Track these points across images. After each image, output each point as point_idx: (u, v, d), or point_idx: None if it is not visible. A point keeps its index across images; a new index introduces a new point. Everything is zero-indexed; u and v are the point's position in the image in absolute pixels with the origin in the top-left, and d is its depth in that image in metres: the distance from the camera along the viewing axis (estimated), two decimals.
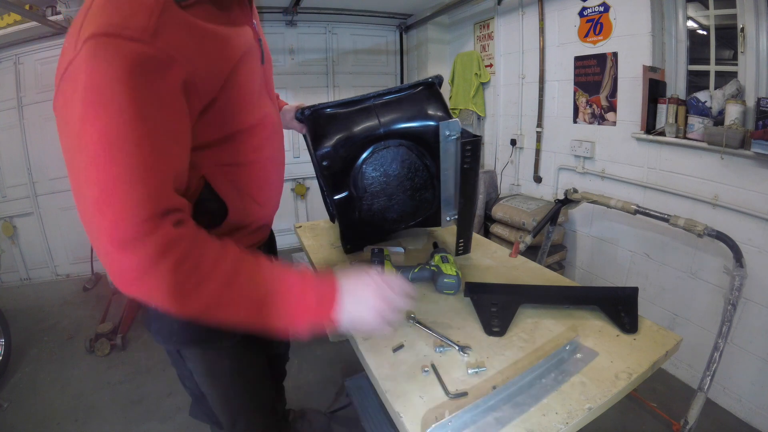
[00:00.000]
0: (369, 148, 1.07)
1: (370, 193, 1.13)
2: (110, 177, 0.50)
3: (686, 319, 1.98)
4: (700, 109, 1.79)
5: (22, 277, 3.36)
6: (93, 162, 0.50)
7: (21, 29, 2.86)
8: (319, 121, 1.06)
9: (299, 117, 1.08)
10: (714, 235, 1.48)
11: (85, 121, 0.50)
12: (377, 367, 0.77)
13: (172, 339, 0.83)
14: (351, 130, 1.04)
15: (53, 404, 1.94)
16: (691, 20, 1.93)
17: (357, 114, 1.06)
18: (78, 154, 0.51)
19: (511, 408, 0.66)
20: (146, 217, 0.51)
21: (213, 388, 0.92)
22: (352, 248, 1.25)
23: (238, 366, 0.91)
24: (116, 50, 0.50)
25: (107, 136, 0.50)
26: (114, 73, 0.49)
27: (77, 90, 0.50)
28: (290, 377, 2.03)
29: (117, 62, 0.50)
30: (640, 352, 0.80)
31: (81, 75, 0.50)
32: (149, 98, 0.52)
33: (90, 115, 0.50)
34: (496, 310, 0.92)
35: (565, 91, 2.51)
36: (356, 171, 1.08)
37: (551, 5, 2.52)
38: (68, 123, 0.52)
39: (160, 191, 0.54)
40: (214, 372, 0.89)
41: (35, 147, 3.15)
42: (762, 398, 1.68)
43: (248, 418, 0.98)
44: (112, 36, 0.50)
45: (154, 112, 0.53)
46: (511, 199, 2.72)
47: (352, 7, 3.51)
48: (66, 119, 0.52)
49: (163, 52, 0.54)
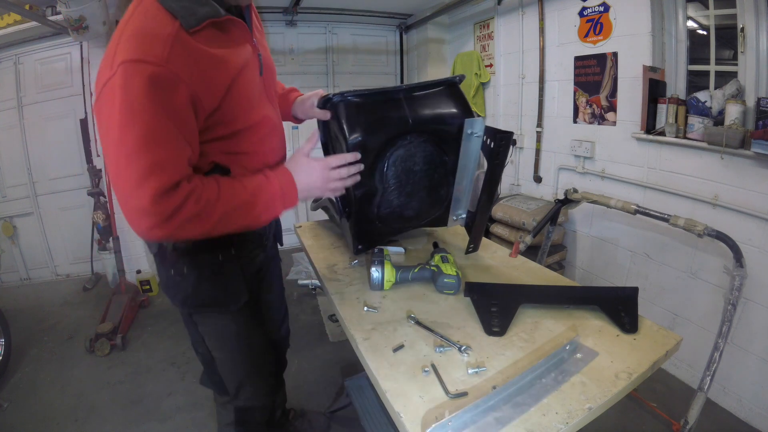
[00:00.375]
0: (397, 140, 1.04)
1: (393, 187, 1.10)
2: (149, 159, 0.72)
3: (686, 319, 1.98)
4: (700, 109, 1.79)
5: (22, 277, 3.36)
6: (136, 151, 0.71)
7: (21, 29, 2.86)
8: (350, 110, 1.01)
9: (323, 105, 1.05)
10: (714, 235, 1.48)
11: (123, 127, 0.71)
12: (377, 367, 0.77)
13: (186, 302, 1.02)
14: (382, 121, 1.02)
15: (53, 404, 1.94)
16: (691, 20, 1.93)
17: (387, 105, 1.03)
18: (119, 149, 0.72)
19: (511, 408, 0.66)
20: (170, 185, 0.75)
21: (222, 351, 1.09)
22: (364, 248, 1.21)
23: (245, 331, 1.08)
24: (141, 71, 0.70)
25: (140, 137, 0.71)
26: (140, 89, 0.70)
27: (115, 104, 0.70)
28: (290, 377, 2.03)
29: (141, 80, 0.70)
30: (640, 351, 0.80)
31: (117, 91, 0.70)
32: (166, 107, 0.73)
33: (126, 126, 0.71)
34: (496, 310, 0.92)
35: (565, 91, 2.51)
36: (383, 163, 1.05)
37: (551, 5, 2.52)
38: (110, 128, 0.72)
39: (179, 168, 0.77)
40: (223, 336, 1.07)
41: (35, 147, 3.15)
42: (762, 398, 1.68)
43: (252, 383, 1.13)
44: (139, 61, 0.70)
45: (169, 116, 0.74)
46: (511, 199, 2.72)
47: (352, 7, 3.51)
48: (108, 125, 0.73)
49: (172, 73, 0.73)
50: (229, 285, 1.01)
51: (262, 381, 1.16)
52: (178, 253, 0.99)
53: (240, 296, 1.02)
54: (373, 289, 1.04)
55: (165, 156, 0.74)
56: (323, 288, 1.14)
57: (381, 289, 1.04)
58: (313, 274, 3.07)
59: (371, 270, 1.03)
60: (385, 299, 1.02)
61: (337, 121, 1.02)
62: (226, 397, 1.15)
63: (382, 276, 1.02)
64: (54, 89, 3.09)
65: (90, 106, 2.98)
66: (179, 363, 2.22)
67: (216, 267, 0.99)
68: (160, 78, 0.71)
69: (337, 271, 1.18)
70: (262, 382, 1.16)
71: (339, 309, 0.99)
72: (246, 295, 1.03)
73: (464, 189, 1.18)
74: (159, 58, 0.72)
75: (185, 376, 2.11)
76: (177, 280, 0.99)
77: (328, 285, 1.11)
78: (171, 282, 1.01)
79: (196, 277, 0.99)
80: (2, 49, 2.95)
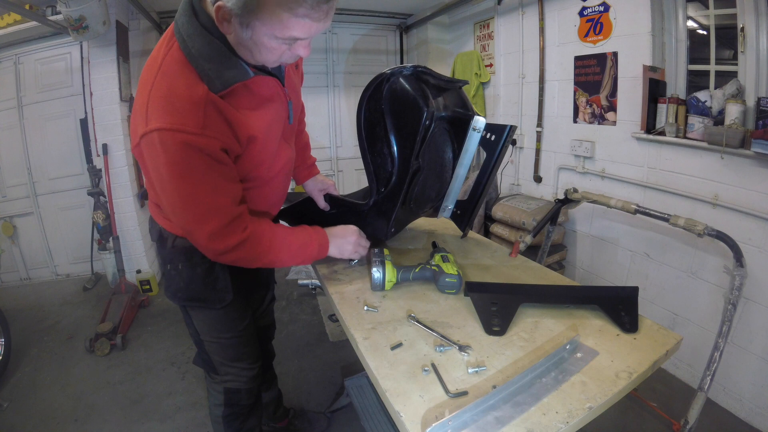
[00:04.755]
0: (433, 123, 1.09)
1: (426, 166, 1.15)
2: (198, 208, 0.86)
3: (686, 319, 1.98)
4: (700, 109, 1.79)
5: (22, 277, 3.36)
6: (183, 203, 0.86)
7: (21, 29, 2.86)
8: (420, 83, 1.08)
9: (329, 201, 1.31)
10: (714, 235, 1.48)
11: (174, 180, 0.82)
12: (377, 367, 0.77)
13: (177, 295, 1.10)
14: (429, 104, 1.08)
15: (53, 404, 1.94)
16: (691, 20, 1.93)
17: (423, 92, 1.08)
18: (173, 198, 0.86)
19: (511, 407, 0.66)
20: (221, 227, 0.88)
21: (209, 335, 1.17)
22: (396, 231, 1.32)
23: (230, 321, 1.17)
24: (179, 140, 0.77)
25: (189, 190, 0.83)
26: (181, 154, 0.78)
27: (160, 160, 0.79)
28: (290, 377, 2.04)
29: (181, 146, 0.78)
30: (641, 351, 0.80)
31: (159, 150, 0.78)
32: (205, 163, 0.81)
33: (174, 182, 0.82)
34: (496, 310, 0.92)
35: (565, 90, 2.51)
36: (427, 138, 1.09)
37: (551, 5, 2.52)
38: (161, 180, 0.83)
39: (225, 210, 0.88)
40: (209, 323, 1.15)
41: (35, 147, 3.15)
42: (762, 398, 1.68)
43: (237, 364, 1.21)
44: (175, 131, 0.77)
45: (210, 168, 0.83)
46: (511, 199, 2.72)
47: (352, 7, 3.51)
48: (157, 175, 0.83)
49: (211, 139, 0.80)
50: (217, 285, 1.08)
51: (247, 363, 1.23)
52: (176, 250, 1.06)
53: (226, 296, 1.10)
54: (374, 290, 1.04)
55: (214, 203, 0.85)
56: (323, 288, 1.14)
57: (382, 290, 1.04)
58: (313, 274, 3.07)
59: (372, 270, 1.03)
60: (385, 299, 1.02)
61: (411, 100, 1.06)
62: (217, 377, 1.23)
63: (383, 276, 1.02)
64: (54, 89, 3.09)
65: (90, 106, 2.98)
66: (179, 363, 2.22)
67: (208, 267, 1.06)
68: (199, 145, 0.79)
69: (337, 271, 1.18)
70: (246, 365, 1.23)
71: (339, 309, 0.99)
72: (231, 296, 1.10)
73: (457, 182, 1.26)
74: (195, 127, 0.78)
75: (185, 376, 2.11)
76: (172, 274, 1.09)
77: (328, 285, 1.11)
78: (167, 274, 1.12)
79: (189, 274, 1.07)
80: (2, 49, 2.95)
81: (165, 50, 0.82)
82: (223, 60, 0.81)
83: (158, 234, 1.10)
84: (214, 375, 1.24)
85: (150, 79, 0.80)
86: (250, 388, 1.25)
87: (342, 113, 3.97)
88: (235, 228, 0.89)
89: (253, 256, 0.95)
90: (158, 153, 0.79)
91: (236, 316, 1.17)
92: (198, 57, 0.79)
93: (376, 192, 1.16)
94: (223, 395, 1.23)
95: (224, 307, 1.11)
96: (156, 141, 0.77)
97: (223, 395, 1.23)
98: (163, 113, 0.77)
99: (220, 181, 0.85)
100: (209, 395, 1.29)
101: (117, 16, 2.69)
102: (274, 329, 1.58)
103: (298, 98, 1.13)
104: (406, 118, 1.07)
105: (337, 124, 3.99)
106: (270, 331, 1.55)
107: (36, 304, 2.97)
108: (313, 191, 1.34)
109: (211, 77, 0.80)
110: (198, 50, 0.79)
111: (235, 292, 1.11)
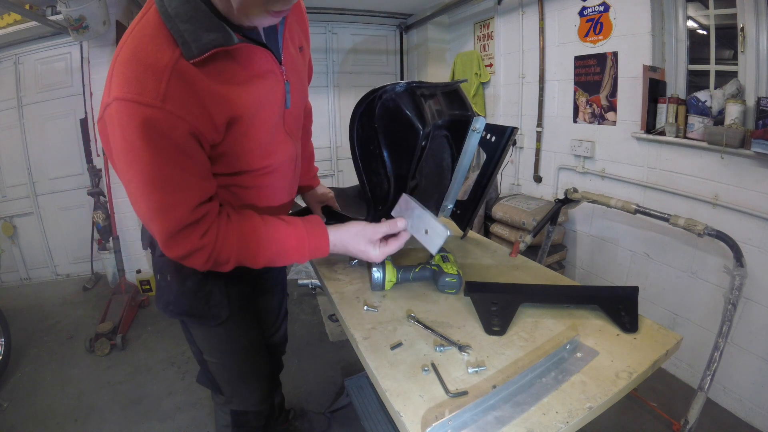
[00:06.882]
0: (431, 132, 1.06)
1: (426, 179, 1.14)
2: (152, 203, 0.72)
3: (686, 319, 1.98)
4: (700, 109, 1.79)
5: (22, 277, 3.36)
6: (140, 192, 0.72)
7: (21, 29, 2.86)
8: (414, 100, 1.02)
9: (327, 214, 1.24)
10: (714, 235, 1.48)
11: (128, 165, 0.70)
12: (377, 367, 0.77)
13: (168, 308, 0.99)
14: (434, 112, 1.06)
15: (53, 404, 1.94)
16: (691, 20, 1.93)
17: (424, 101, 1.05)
18: (129, 185, 0.72)
19: (511, 407, 0.66)
20: (177, 229, 0.74)
21: (211, 355, 1.08)
22: None
23: (233, 337, 1.06)
24: (134, 113, 0.65)
25: (143, 178, 0.70)
26: (135, 133, 0.66)
27: (116, 138, 0.68)
28: (290, 377, 2.04)
29: (136, 123, 0.65)
30: (641, 351, 0.80)
31: (116, 127, 0.67)
32: (165, 149, 0.69)
33: (129, 164, 0.70)
34: (496, 310, 0.91)
35: (565, 90, 2.51)
36: (423, 155, 1.05)
37: (551, 5, 2.52)
38: (116, 160, 0.72)
39: (183, 210, 0.74)
40: (210, 341, 1.05)
41: (35, 147, 3.15)
42: (762, 398, 1.68)
43: (244, 386, 1.12)
44: (132, 102, 0.65)
45: (170, 157, 0.70)
46: (511, 199, 2.72)
47: (352, 7, 3.51)
48: (112, 155, 0.72)
49: (171, 114, 0.67)
50: (210, 299, 0.97)
51: (255, 385, 1.14)
52: (164, 258, 0.95)
53: (221, 312, 0.98)
54: (374, 290, 1.04)
55: (167, 201, 0.72)
56: (323, 288, 1.13)
57: (382, 290, 1.04)
58: (313, 274, 3.07)
59: (372, 270, 1.02)
60: (385, 299, 1.02)
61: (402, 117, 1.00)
62: (222, 398, 1.15)
63: (383, 276, 1.02)
64: (54, 89, 3.09)
65: (90, 106, 2.98)
66: (179, 363, 2.22)
67: (200, 280, 0.95)
68: (156, 121, 0.66)
69: (337, 270, 1.18)
70: (254, 386, 1.14)
71: (339, 309, 0.99)
72: (227, 311, 0.99)
73: (457, 182, 1.24)
74: (153, 98, 0.65)
75: (185, 375, 2.11)
76: (161, 285, 0.99)
77: (328, 285, 1.10)
78: (157, 284, 1.02)
79: (178, 287, 0.96)
80: (2, 49, 2.95)
81: (143, 12, 0.72)
82: (203, 20, 0.69)
83: (149, 240, 1.00)
84: (219, 395, 1.15)
85: (120, 45, 0.69)
86: (258, 410, 1.17)
87: (342, 113, 3.97)
88: (191, 234, 0.75)
89: (220, 262, 0.81)
90: (115, 129, 0.67)
91: (239, 332, 1.06)
92: (174, 17, 0.67)
93: (374, 209, 1.12)
94: (230, 416, 1.15)
95: (222, 323, 1.00)
96: (114, 117, 0.66)
97: (230, 416, 1.15)
98: (123, 80, 0.66)
99: (180, 173, 0.72)
100: (216, 416, 1.22)
101: (117, 16, 2.69)
102: (286, 343, 1.47)
103: (301, 83, 0.97)
104: (401, 137, 1.02)
105: (337, 124, 3.99)
106: (282, 347, 1.45)
107: (36, 304, 2.97)
108: (312, 203, 1.28)
109: (187, 40, 0.67)
110: (175, 9, 0.68)
111: (234, 305, 1.00)
